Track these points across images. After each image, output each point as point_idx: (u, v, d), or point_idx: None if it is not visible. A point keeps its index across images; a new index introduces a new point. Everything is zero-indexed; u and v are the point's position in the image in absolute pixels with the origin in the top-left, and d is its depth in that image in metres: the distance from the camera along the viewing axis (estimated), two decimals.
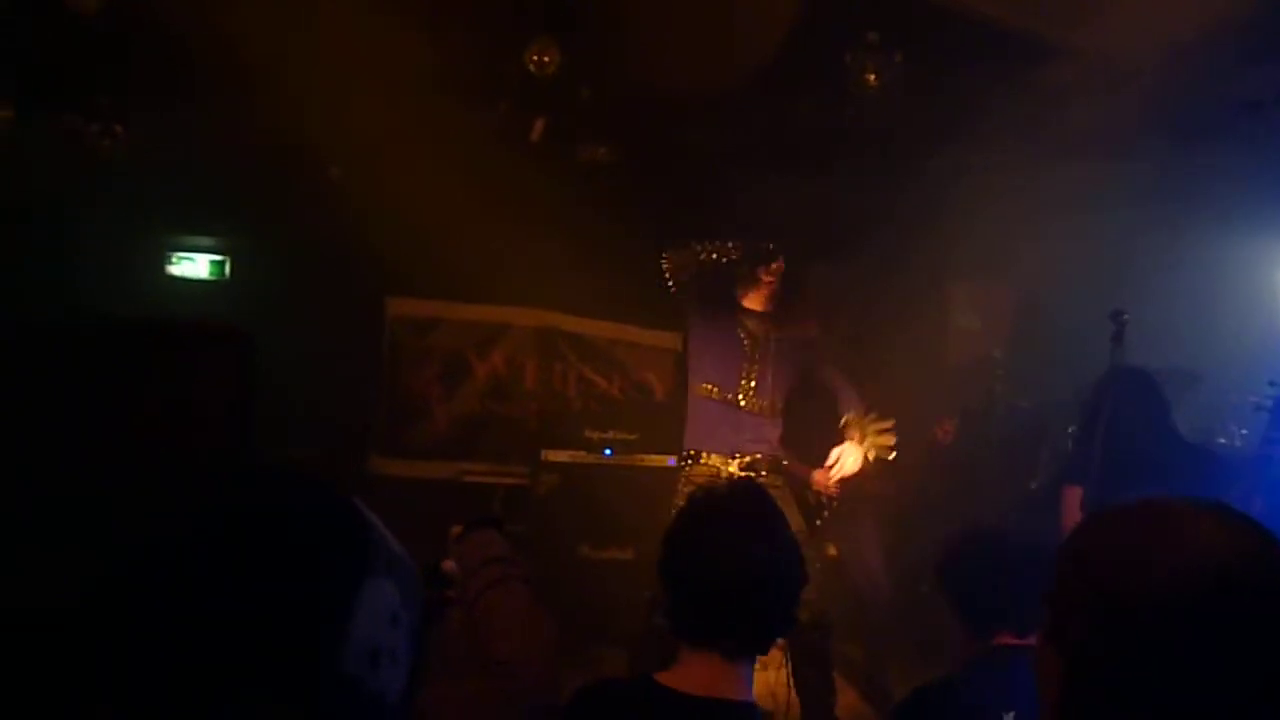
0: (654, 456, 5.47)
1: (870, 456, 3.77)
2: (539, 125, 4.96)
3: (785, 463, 3.91)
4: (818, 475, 4.02)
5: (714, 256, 3.70)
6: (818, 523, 4.14)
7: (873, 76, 4.29)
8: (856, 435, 3.78)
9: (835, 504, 4.12)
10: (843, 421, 3.79)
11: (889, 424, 3.87)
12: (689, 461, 3.79)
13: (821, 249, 5.26)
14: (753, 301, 3.81)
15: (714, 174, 5.20)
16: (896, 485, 4.72)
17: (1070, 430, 5.19)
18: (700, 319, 3.81)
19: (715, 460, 3.74)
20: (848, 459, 3.75)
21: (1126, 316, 3.47)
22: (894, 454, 3.81)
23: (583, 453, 5.55)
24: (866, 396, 4.33)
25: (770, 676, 4.19)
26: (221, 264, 6.15)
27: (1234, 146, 4.30)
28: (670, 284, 3.77)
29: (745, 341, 3.78)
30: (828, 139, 4.97)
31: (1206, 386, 4.26)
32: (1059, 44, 4.09)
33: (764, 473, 3.78)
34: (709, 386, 3.76)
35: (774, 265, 3.74)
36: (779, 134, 5.01)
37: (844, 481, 3.97)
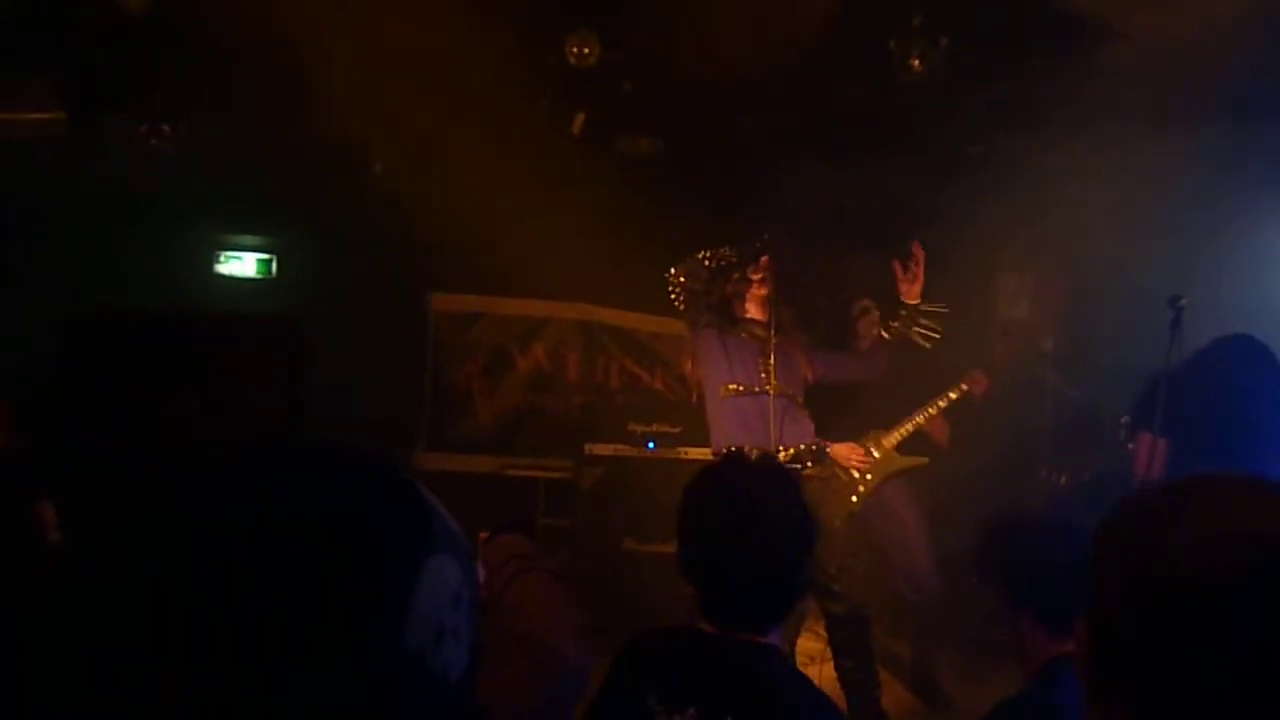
0: (697, 449, 5.45)
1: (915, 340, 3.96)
2: (579, 118, 4.94)
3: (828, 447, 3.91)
4: (839, 449, 4.00)
5: (717, 262, 3.86)
6: (854, 499, 4.08)
7: (917, 61, 4.22)
8: (901, 324, 3.96)
9: (868, 475, 4.07)
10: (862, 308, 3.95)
11: (940, 307, 3.93)
12: None
13: (867, 238, 5.20)
14: (751, 310, 3.91)
15: (758, 164, 5.16)
16: (934, 458, 4.64)
17: (1124, 419, 5.07)
18: (710, 329, 3.90)
19: (757, 455, 3.72)
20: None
21: (1184, 302, 3.38)
22: (932, 342, 3.93)
23: (626, 446, 5.54)
24: (910, 385, 4.30)
25: (816, 671, 4.15)
26: (268, 262, 6.23)
27: None
28: (680, 298, 3.89)
29: (751, 342, 3.87)
30: (875, 126, 4.90)
31: None
32: (1111, 24, 3.99)
33: (809, 464, 3.75)
34: (733, 386, 3.81)
35: (761, 261, 3.85)
36: (825, 123, 4.95)
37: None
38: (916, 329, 3.97)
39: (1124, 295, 4.69)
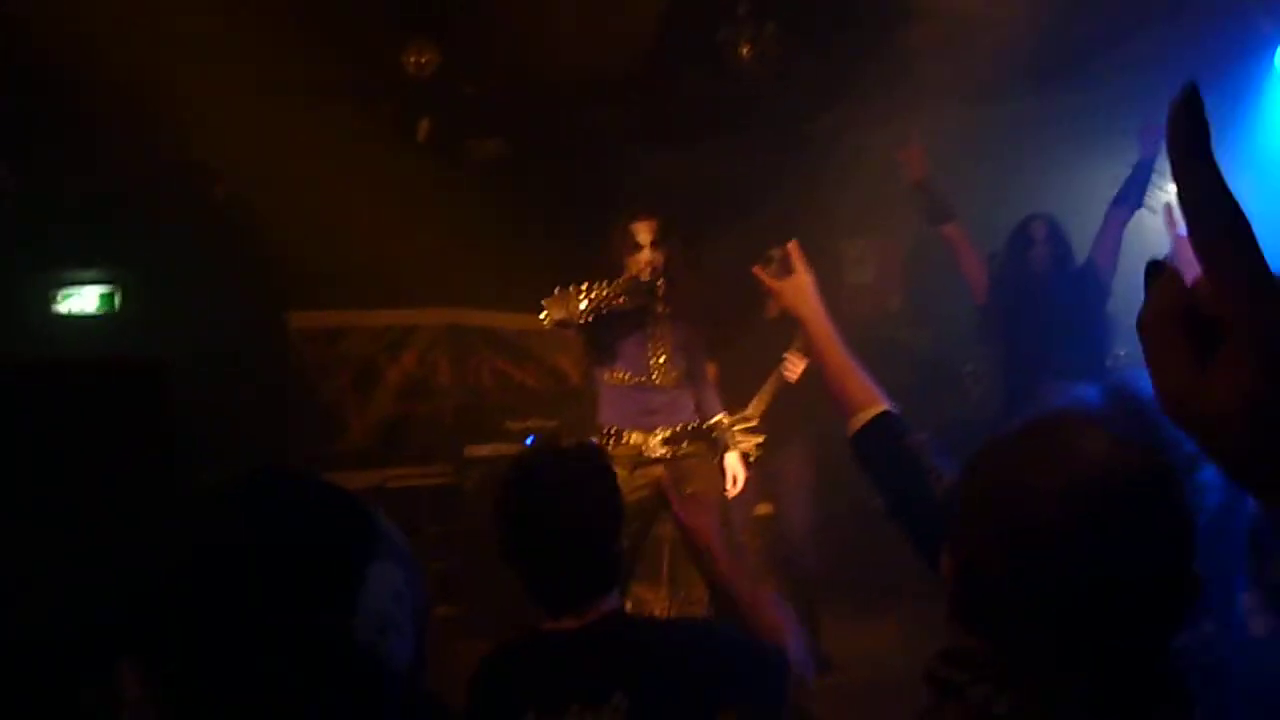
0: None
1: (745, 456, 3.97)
2: (425, 125, 4.95)
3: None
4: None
5: (598, 290, 3.53)
6: (751, 459, 4.16)
7: (746, 48, 4.42)
8: (726, 441, 3.91)
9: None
10: (714, 421, 3.91)
11: (751, 421, 4.06)
12: (610, 440, 3.85)
13: (712, 218, 5.39)
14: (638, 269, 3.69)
15: (604, 156, 5.28)
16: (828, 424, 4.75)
17: (968, 369, 5.44)
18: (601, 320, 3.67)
19: (636, 438, 3.81)
20: (738, 471, 3.90)
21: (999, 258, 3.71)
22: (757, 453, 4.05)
23: (505, 445, 5.58)
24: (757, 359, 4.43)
25: None
26: (110, 296, 5.94)
27: (1088, 88, 4.58)
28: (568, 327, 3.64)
29: (645, 319, 3.77)
30: (712, 111, 5.09)
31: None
32: (916, 6, 4.29)
33: (686, 443, 3.87)
34: (621, 374, 3.79)
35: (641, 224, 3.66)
36: (664, 112, 5.11)
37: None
38: (739, 444, 3.99)
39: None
